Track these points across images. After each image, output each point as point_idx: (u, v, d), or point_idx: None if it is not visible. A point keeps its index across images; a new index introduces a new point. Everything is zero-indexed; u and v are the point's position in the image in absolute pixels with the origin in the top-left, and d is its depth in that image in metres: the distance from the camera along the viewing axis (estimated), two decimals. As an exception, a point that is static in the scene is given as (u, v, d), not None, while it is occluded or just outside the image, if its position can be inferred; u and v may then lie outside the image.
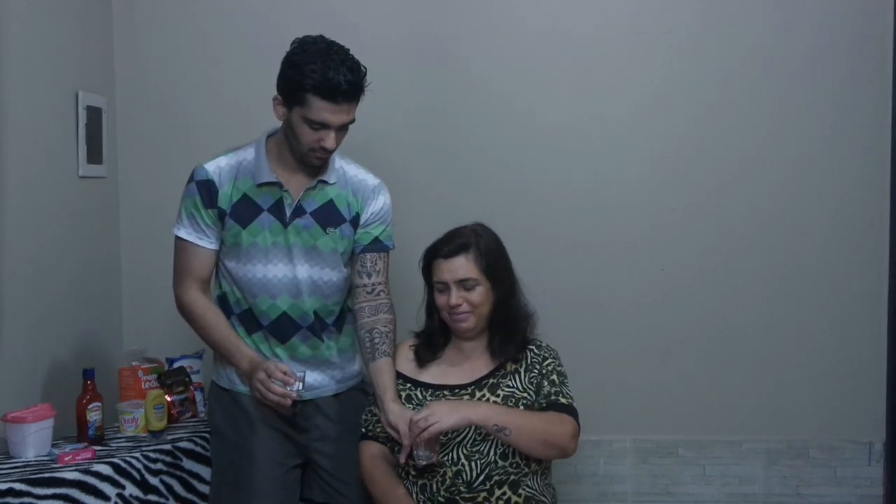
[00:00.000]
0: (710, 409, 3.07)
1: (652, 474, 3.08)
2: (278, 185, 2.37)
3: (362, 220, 2.47)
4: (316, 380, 2.45)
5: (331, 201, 2.43)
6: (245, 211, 2.37)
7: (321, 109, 2.24)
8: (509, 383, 2.38)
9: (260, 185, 2.37)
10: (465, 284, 2.35)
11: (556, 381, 2.37)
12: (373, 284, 2.47)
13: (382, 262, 2.50)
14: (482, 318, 2.38)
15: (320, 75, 2.21)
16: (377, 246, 2.49)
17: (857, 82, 2.97)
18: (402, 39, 3.04)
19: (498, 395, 2.36)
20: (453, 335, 2.43)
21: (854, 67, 2.96)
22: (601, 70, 3.03)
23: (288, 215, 2.38)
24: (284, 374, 2.30)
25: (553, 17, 3.03)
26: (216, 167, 2.39)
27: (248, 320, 2.43)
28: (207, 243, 2.41)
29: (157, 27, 3.12)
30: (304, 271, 2.40)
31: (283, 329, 2.42)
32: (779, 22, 2.98)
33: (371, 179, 2.50)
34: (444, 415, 2.20)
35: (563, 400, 2.34)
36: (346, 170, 2.47)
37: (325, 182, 2.41)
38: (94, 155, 2.96)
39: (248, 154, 2.41)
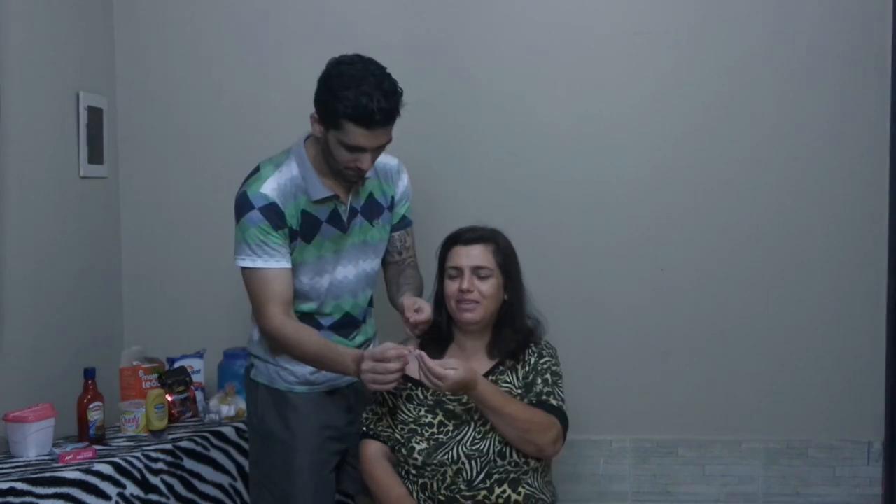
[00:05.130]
0: (710, 409, 3.07)
1: (652, 474, 3.08)
2: (334, 196, 2.38)
3: (395, 202, 2.52)
4: None
5: (371, 194, 2.46)
6: (308, 226, 2.37)
7: (356, 135, 2.23)
8: (507, 379, 2.37)
9: (316, 201, 2.37)
10: (479, 273, 2.35)
11: (550, 380, 2.36)
12: (403, 259, 2.56)
13: (410, 237, 2.57)
14: (489, 313, 2.37)
15: (354, 102, 2.19)
16: (404, 223, 2.56)
17: (857, 82, 2.96)
18: (402, 39, 3.03)
19: (496, 391, 2.36)
20: (456, 332, 2.43)
21: (854, 67, 2.96)
22: (601, 70, 3.03)
23: (346, 222, 2.41)
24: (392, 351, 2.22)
25: (553, 16, 3.03)
26: (272, 189, 2.32)
27: (307, 323, 2.43)
28: (284, 263, 2.35)
29: (159, 28, 3.12)
30: (362, 267, 2.46)
31: (346, 327, 2.47)
32: (778, 22, 2.98)
33: (391, 160, 2.52)
34: (454, 382, 2.17)
35: (553, 402, 2.33)
36: None
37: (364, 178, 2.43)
38: (95, 155, 2.97)
39: (292, 169, 2.37)
